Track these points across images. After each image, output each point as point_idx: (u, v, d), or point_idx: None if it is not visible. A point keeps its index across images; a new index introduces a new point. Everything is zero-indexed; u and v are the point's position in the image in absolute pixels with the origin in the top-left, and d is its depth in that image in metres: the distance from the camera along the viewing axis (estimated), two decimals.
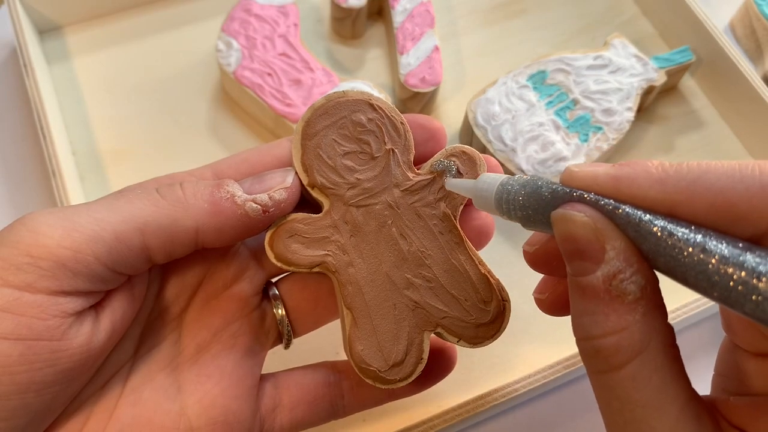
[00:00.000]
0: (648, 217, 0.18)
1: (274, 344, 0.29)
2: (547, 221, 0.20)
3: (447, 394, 0.36)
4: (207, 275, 0.27)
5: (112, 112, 0.43)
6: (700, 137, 0.45)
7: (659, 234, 0.18)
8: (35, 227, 0.21)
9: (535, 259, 0.24)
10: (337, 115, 0.26)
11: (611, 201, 0.19)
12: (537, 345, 0.37)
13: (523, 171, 0.39)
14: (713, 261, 0.17)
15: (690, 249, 0.17)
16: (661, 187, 0.18)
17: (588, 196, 0.19)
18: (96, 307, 0.23)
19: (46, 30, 0.45)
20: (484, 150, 0.40)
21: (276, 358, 0.30)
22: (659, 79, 0.42)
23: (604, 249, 0.18)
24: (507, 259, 0.40)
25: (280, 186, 0.25)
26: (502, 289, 0.26)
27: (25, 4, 0.43)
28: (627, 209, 0.19)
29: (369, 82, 0.41)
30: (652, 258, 0.18)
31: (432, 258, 0.26)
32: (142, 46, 0.46)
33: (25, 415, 0.21)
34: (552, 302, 0.25)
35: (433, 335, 0.26)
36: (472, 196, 0.23)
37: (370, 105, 0.26)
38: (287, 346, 0.29)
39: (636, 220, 0.18)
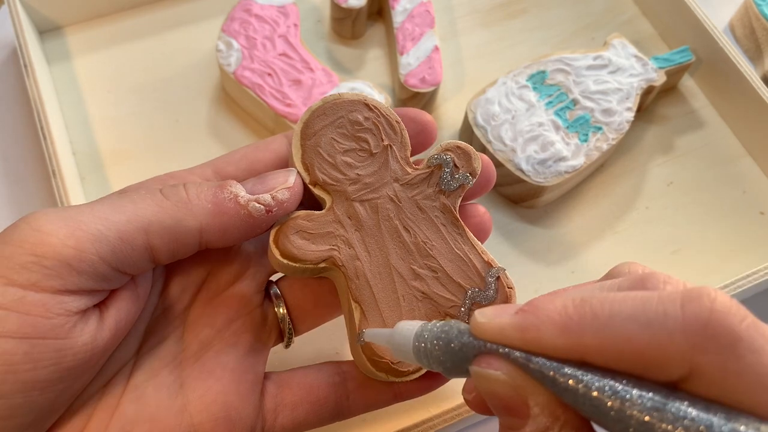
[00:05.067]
0: (563, 370, 0.17)
1: (276, 342, 0.29)
2: (467, 372, 0.19)
3: (447, 394, 0.36)
4: (210, 274, 0.27)
5: (113, 112, 0.43)
6: (700, 137, 0.45)
7: (575, 386, 0.17)
8: (39, 226, 0.22)
9: (476, 405, 0.23)
10: (334, 115, 0.27)
11: (523, 354, 0.18)
12: None
13: (523, 171, 0.39)
14: (635, 413, 0.16)
15: (610, 402, 0.16)
16: (567, 337, 0.17)
17: (500, 350, 0.18)
18: (100, 305, 0.23)
19: (46, 30, 0.45)
20: (483, 150, 0.40)
21: (276, 359, 0.30)
22: (659, 79, 0.42)
23: (528, 405, 0.18)
24: (507, 259, 0.40)
25: (283, 186, 0.25)
26: (506, 276, 0.27)
27: (25, 4, 0.43)
28: (539, 362, 0.18)
29: (369, 82, 0.41)
30: (577, 408, 0.17)
31: (436, 249, 0.26)
32: (142, 46, 0.46)
33: (29, 413, 0.21)
34: (479, 403, 0.23)
35: None
36: (391, 347, 0.22)
37: (366, 105, 0.27)
38: (288, 345, 0.29)
39: (549, 374, 0.17)
